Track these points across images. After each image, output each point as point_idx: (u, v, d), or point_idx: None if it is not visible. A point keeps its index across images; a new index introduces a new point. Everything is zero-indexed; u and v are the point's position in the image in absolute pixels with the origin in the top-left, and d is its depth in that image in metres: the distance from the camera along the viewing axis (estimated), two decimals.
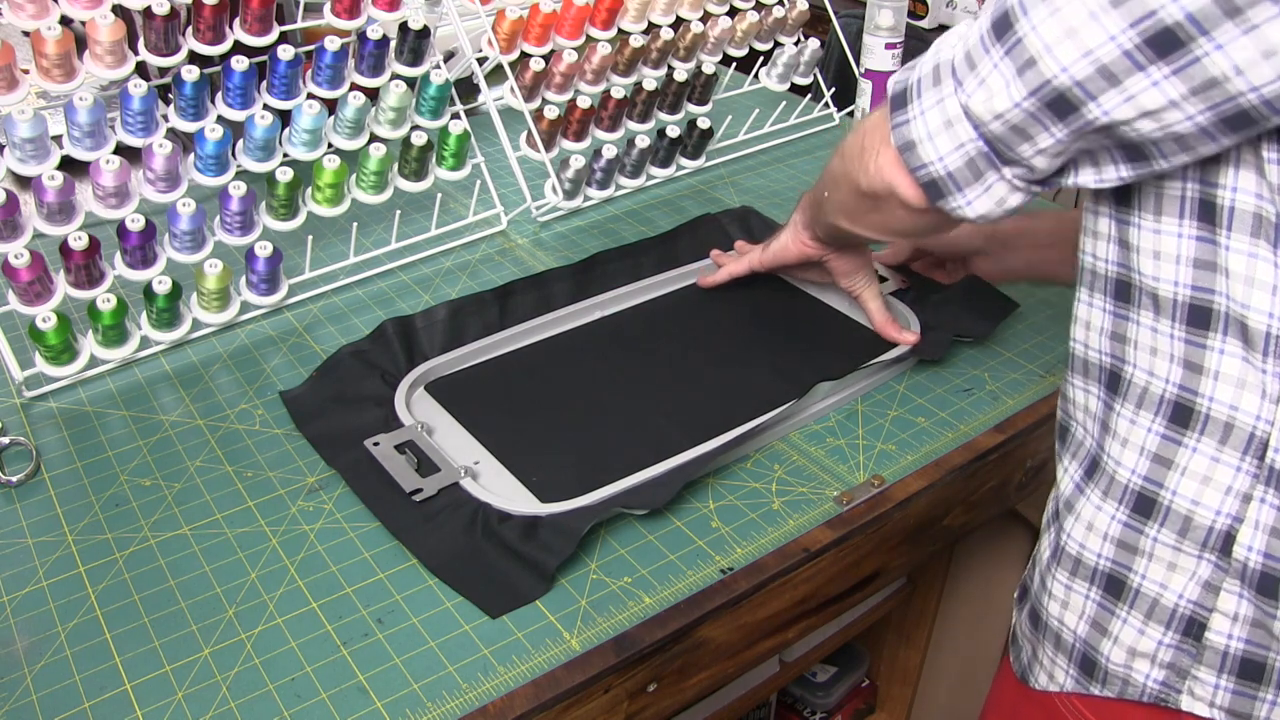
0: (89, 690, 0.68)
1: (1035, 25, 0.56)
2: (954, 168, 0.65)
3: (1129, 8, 0.52)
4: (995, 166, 0.64)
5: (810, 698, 1.44)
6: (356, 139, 1.05)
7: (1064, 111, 0.57)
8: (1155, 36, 0.52)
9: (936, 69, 0.65)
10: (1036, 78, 0.57)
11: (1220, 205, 0.58)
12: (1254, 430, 0.58)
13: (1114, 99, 0.55)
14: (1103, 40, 0.53)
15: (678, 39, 1.23)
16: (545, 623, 0.74)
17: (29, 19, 0.88)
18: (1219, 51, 0.50)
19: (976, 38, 0.61)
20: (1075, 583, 0.69)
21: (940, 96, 0.64)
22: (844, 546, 0.83)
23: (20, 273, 0.88)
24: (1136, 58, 0.53)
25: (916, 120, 0.66)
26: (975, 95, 0.61)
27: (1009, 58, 0.58)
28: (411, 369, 0.95)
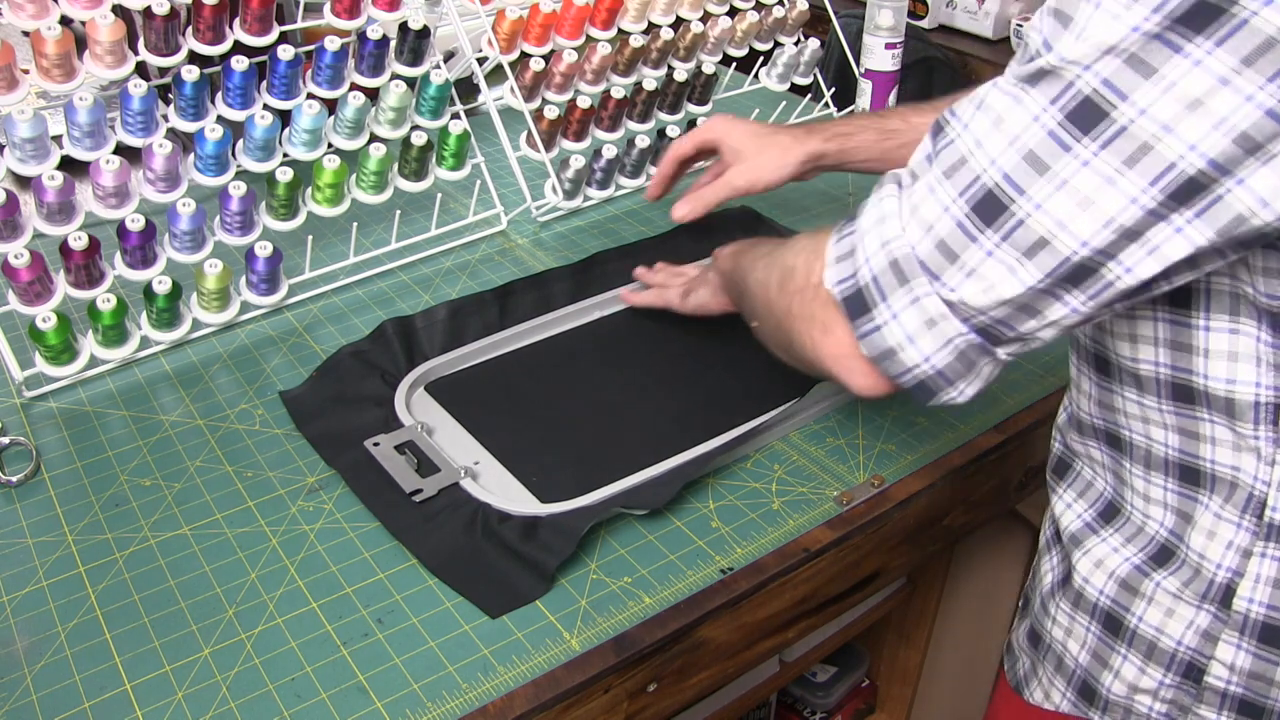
0: (89, 690, 0.68)
1: (1040, 203, 0.52)
2: (943, 365, 0.60)
3: (1146, 166, 0.49)
4: (989, 352, 0.60)
5: (810, 698, 1.44)
6: (356, 139, 1.05)
7: (1081, 279, 0.54)
8: (1180, 189, 0.49)
9: (895, 265, 0.59)
10: (1052, 258, 0.53)
11: (1195, 289, 0.58)
12: (1253, 491, 0.59)
13: (1136, 254, 0.52)
14: (1124, 205, 0.50)
15: (678, 39, 1.23)
16: (545, 623, 0.74)
17: (29, 19, 0.88)
18: (1240, 187, 0.48)
19: (951, 224, 0.55)
20: (1078, 614, 0.70)
21: (914, 295, 0.58)
22: (844, 546, 0.83)
23: (20, 273, 0.88)
24: (1160, 212, 0.50)
25: (889, 325, 0.60)
26: (964, 288, 0.56)
27: (1008, 243, 0.54)
28: (411, 369, 0.95)
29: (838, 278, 0.62)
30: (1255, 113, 0.46)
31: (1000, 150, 0.53)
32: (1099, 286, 0.53)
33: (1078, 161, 0.50)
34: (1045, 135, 0.51)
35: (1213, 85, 0.46)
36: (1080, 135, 0.50)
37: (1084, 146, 0.50)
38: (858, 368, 0.63)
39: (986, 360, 0.60)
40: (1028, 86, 0.52)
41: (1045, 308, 0.56)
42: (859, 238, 0.61)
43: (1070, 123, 0.50)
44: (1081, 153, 0.50)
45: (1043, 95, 0.51)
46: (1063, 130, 0.50)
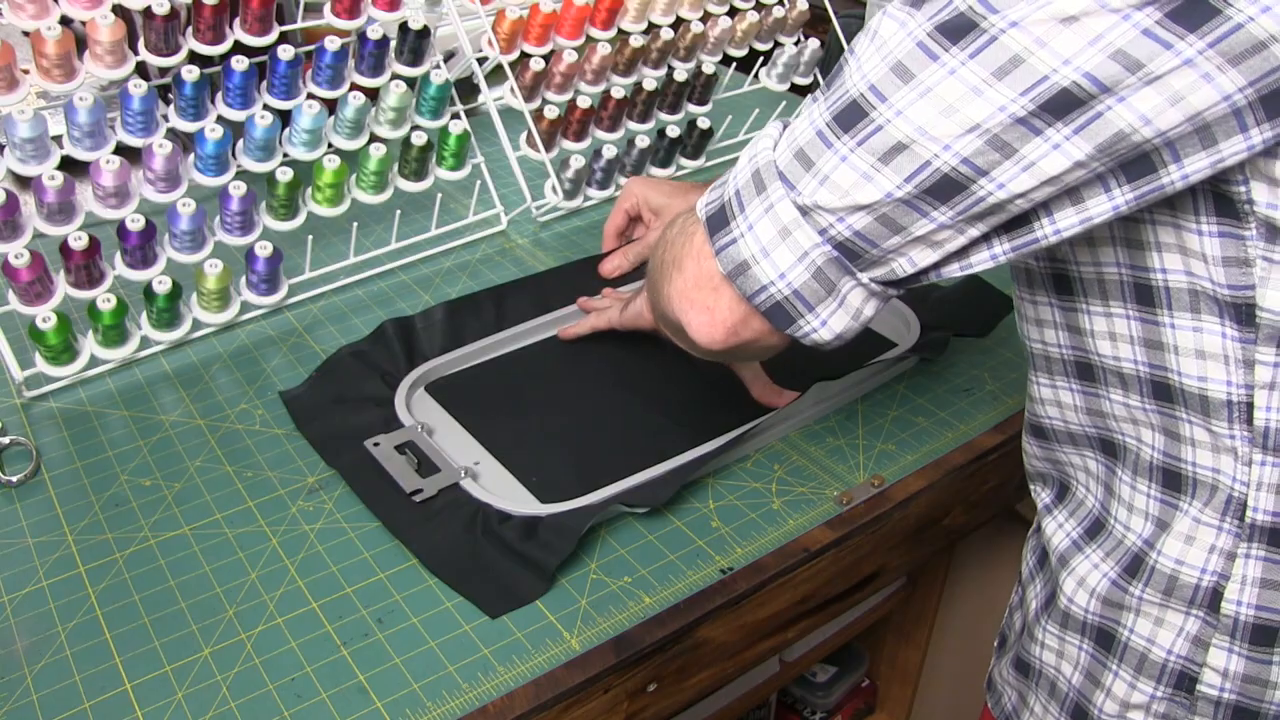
0: (89, 690, 0.68)
1: (901, 110, 0.51)
2: (799, 284, 0.57)
3: (1016, 77, 0.48)
4: (849, 272, 0.57)
5: (810, 698, 1.44)
6: (356, 139, 1.05)
7: (948, 193, 0.52)
8: (1052, 100, 0.48)
9: (757, 174, 0.57)
10: (911, 163, 0.52)
11: (1155, 287, 0.57)
12: (1232, 492, 0.58)
13: (1010, 170, 0.51)
14: (991, 112, 0.49)
15: (678, 39, 1.23)
16: (545, 623, 0.74)
17: (29, 19, 0.88)
18: (1122, 104, 0.47)
19: (811, 133, 0.55)
20: (1068, 634, 0.68)
21: (769, 203, 0.57)
22: (844, 546, 0.84)
23: (20, 273, 0.88)
24: (1032, 123, 0.49)
25: (745, 236, 0.58)
26: (819, 194, 0.55)
27: (863, 148, 0.53)
28: (411, 369, 0.95)
29: (707, 200, 0.62)
30: (1132, 31, 0.46)
31: (872, 64, 0.52)
32: (966, 201, 0.52)
33: (944, 70, 0.49)
34: (914, 46, 0.50)
35: (1090, 4, 0.46)
36: (949, 45, 0.49)
37: (951, 56, 0.49)
38: (696, 300, 0.62)
39: (848, 282, 0.58)
40: (912, 9, 0.51)
41: (907, 221, 0.54)
42: (735, 165, 0.61)
43: (940, 33, 0.49)
44: (949, 61, 0.49)
45: (923, 14, 0.50)
46: (932, 40, 0.50)
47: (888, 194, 0.53)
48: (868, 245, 0.55)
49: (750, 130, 1.40)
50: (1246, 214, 0.52)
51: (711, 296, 0.62)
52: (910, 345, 0.99)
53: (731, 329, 0.62)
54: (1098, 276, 0.60)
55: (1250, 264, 0.52)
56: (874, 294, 0.59)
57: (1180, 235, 0.54)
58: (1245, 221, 0.52)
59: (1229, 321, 0.55)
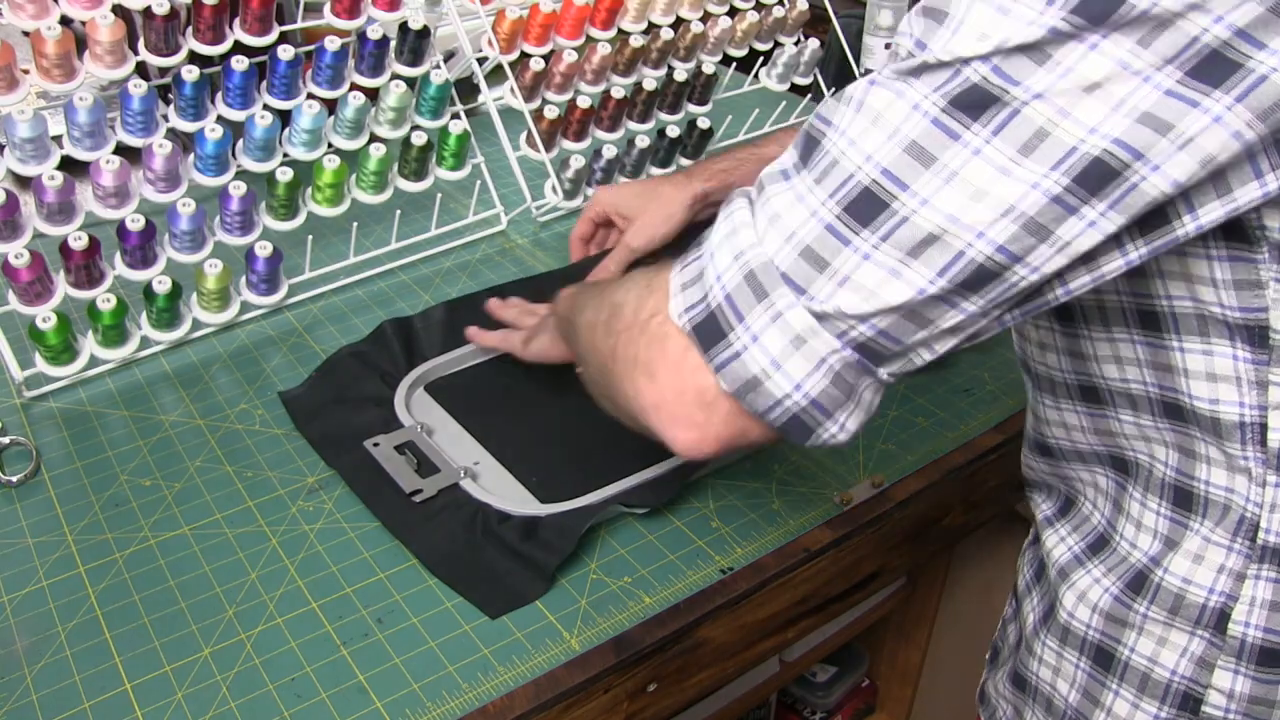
0: (89, 690, 0.68)
1: (927, 198, 0.47)
2: (818, 392, 0.52)
3: (1043, 152, 0.45)
4: (869, 372, 0.53)
5: (810, 698, 1.44)
6: (356, 139, 1.05)
7: (982, 283, 0.49)
8: (1084, 171, 0.45)
9: (752, 278, 0.51)
10: (943, 254, 0.48)
11: (1160, 313, 0.56)
12: (1244, 513, 0.56)
13: (1045, 253, 0.48)
14: (1024, 191, 0.46)
15: (678, 39, 1.23)
16: (545, 623, 0.74)
17: (29, 19, 0.88)
18: (1156, 174, 0.45)
19: (819, 230, 0.49)
20: (1066, 651, 0.66)
21: (775, 310, 0.51)
22: (844, 546, 0.84)
23: (20, 273, 0.88)
24: (1067, 201, 0.46)
25: (750, 349, 0.52)
26: (838, 297, 0.49)
27: (888, 244, 0.48)
28: (411, 369, 0.95)
29: (685, 305, 0.54)
30: (1155, 93, 0.44)
31: (878, 144, 0.47)
32: (999, 289, 0.49)
33: (968, 150, 0.46)
34: (929, 124, 0.46)
35: (1112, 69, 0.44)
36: (969, 121, 0.46)
37: (974, 134, 0.46)
38: (682, 416, 0.56)
39: (867, 383, 0.53)
40: (910, 78, 0.47)
41: (936, 314, 0.50)
42: (708, 258, 0.54)
43: (957, 109, 0.46)
44: (972, 140, 0.46)
45: (926, 85, 0.46)
46: (948, 117, 0.46)
47: (920, 290, 0.49)
48: (891, 344, 0.52)
49: (750, 130, 1.40)
50: (1259, 239, 0.50)
51: (701, 413, 0.56)
52: None
53: (726, 443, 0.57)
54: (1098, 303, 0.59)
55: (1263, 286, 0.51)
56: (884, 385, 0.55)
57: (1185, 263, 0.53)
58: (1258, 246, 0.51)
59: (1240, 344, 0.53)
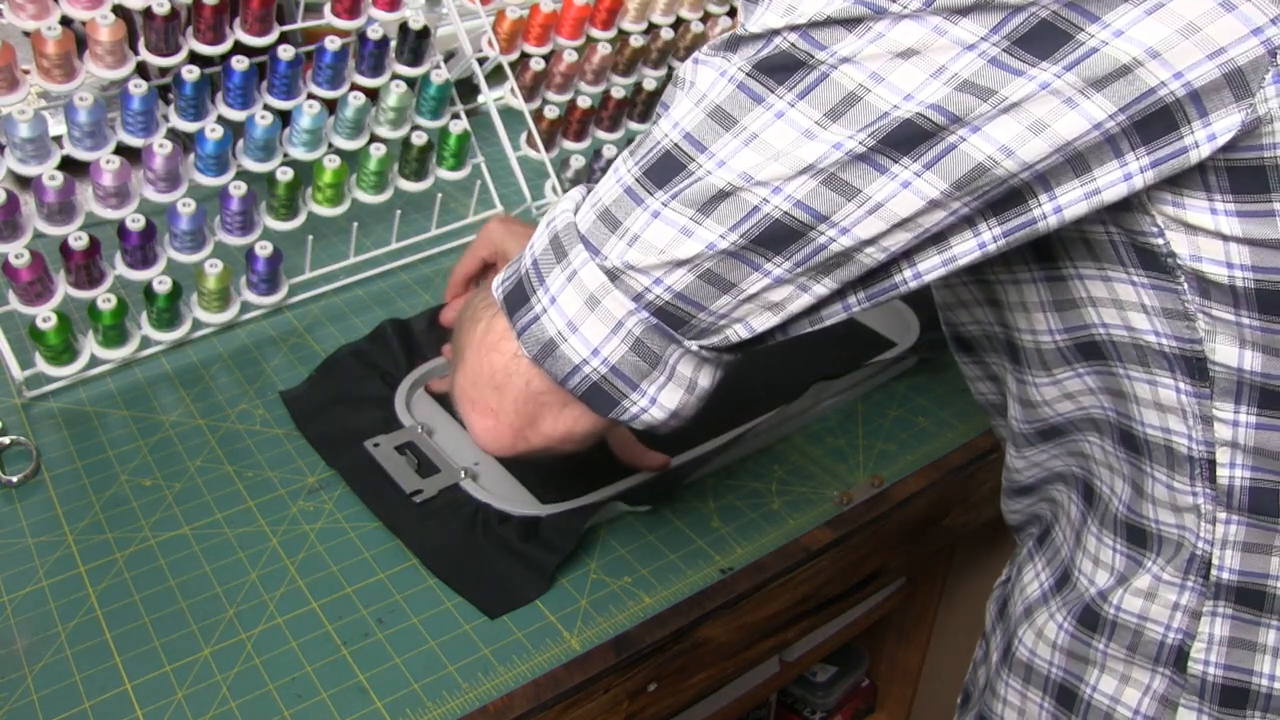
0: (89, 690, 0.68)
1: (724, 160, 0.45)
2: (617, 359, 0.49)
3: (853, 116, 0.43)
4: (673, 339, 0.50)
5: (810, 698, 1.44)
6: (356, 139, 1.05)
7: (782, 242, 0.46)
8: (895, 132, 0.43)
9: (556, 239, 0.50)
10: (736, 209, 0.45)
11: (1100, 342, 0.54)
12: (1195, 551, 0.54)
13: (853, 213, 0.45)
14: (825, 150, 0.44)
15: (678, 39, 1.23)
16: (545, 623, 0.74)
17: (29, 19, 0.88)
18: (977, 135, 0.43)
19: (618, 191, 0.48)
20: (1029, 690, 0.64)
21: (571, 269, 0.49)
22: (844, 546, 0.84)
23: (21, 273, 0.88)
24: (875, 160, 0.44)
25: (548, 311, 0.50)
26: (629, 254, 0.48)
27: (678, 200, 0.46)
28: (411, 369, 0.95)
29: (503, 278, 0.53)
30: (979, 61, 0.41)
31: (685, 111, 0.46)
32: (805, 250, 0.46)
33: (770, 112, 0.44)
34: (734, 89, 0.45)
35: (929, 36, 0.42)
36: (774, 85, 0.44)
37: (778, 97, 0.44)
38: (477, 400, 0.54)
39: (675, 352, 0.50)
40: (725, 51, 0.46)
41: (737, 276, 0.47)
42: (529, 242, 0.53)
43: (761, 72, 0.44)
44: (775, 103, 0.44)
45: (738, 55, 0.45)
46: (753, 81, 0.44)
47: (710, 245, 0.46)
48: (692, 309, 0.49)
49: None
50: (1173, 268, 0.48)
51: (494, 397, 0.53)
52: (910, 345, 0.99)
53: (519, 431, 0.54)
54: (1035, 346, 0.57)
55: (1192, 318, 0.49)
56: (707, 360, 0.52)
57: (1112, 288, 0.51)
58: (1174, 276, 0.49)
59: (1181, 375, 0.51)
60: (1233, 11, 0.41)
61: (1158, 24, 0.41)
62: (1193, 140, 0.43)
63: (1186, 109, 0.42)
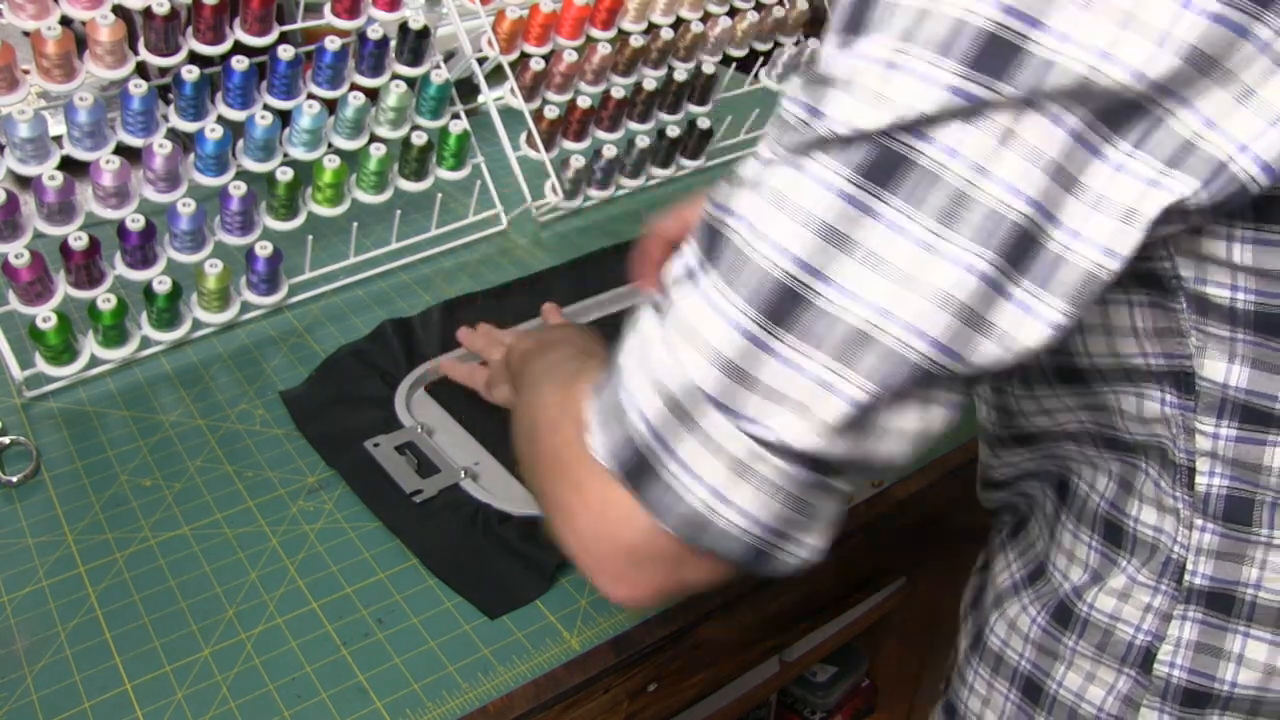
0: (89, 690, 0.68)
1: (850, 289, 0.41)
2: (771, 518, 0.46)
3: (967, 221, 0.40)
4: (828, 488, 0.46)
5: (810, 698, 1.44)
6: (356, 139, 1.05)
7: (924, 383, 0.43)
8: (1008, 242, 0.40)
9: (674, 403, 0.44)
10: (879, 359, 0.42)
11: (1081, 369, 0.55)
12: (1171, 554, 0.55)
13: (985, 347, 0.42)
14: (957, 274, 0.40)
15: (678, 39, 1.23)
16: (545, 623, 0.74)
17: (29, 19, 0.88)
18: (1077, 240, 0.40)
19: (735, 339, 0.42)
20: (997, 681, 0.65)
21: (705, 435, 0.44)
22: (844, 546, 0.83)
23: (20, 273, 0.88)
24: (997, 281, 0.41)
25: (688, 484, 0.45)
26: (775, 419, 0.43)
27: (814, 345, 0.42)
28: (411, 369, 0.95)
29: (608, 446, 0.47)
30: (1064, 138, 0.39)
31: (787, 232, 0.41)
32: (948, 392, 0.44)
33: (883, 225, 0.40)
34: (838, 199, 0.41)
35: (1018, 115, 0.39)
36: (882, 192, 0.40)
37: (889, 205, 0.40)
38: (610, 571, 0.50)
39: (826, 497, 0.47)
40: (807, 153, 0.41)
41: (887, 421, 0.44)
42: (621, 387, 0.47)
43: (866, 178, 0.40)
44: (888, 213, 0.40)
45: (829, 157, 0.41)
46: (859, 190, 0.40)
47: (854, 402, 0.42)
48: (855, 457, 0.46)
49: (751, 130, 1.40)
50: (1174, 288, 0.49)
51: (632, 570, 0.50)
52: None
53: (666, 594, 0.51)
54: None
55: (1185, 334, 0.50)
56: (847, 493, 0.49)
57: (1105, 313, 0.52)
58: (1175, 295, 0.49)
59: (1169, 388, 0.52)
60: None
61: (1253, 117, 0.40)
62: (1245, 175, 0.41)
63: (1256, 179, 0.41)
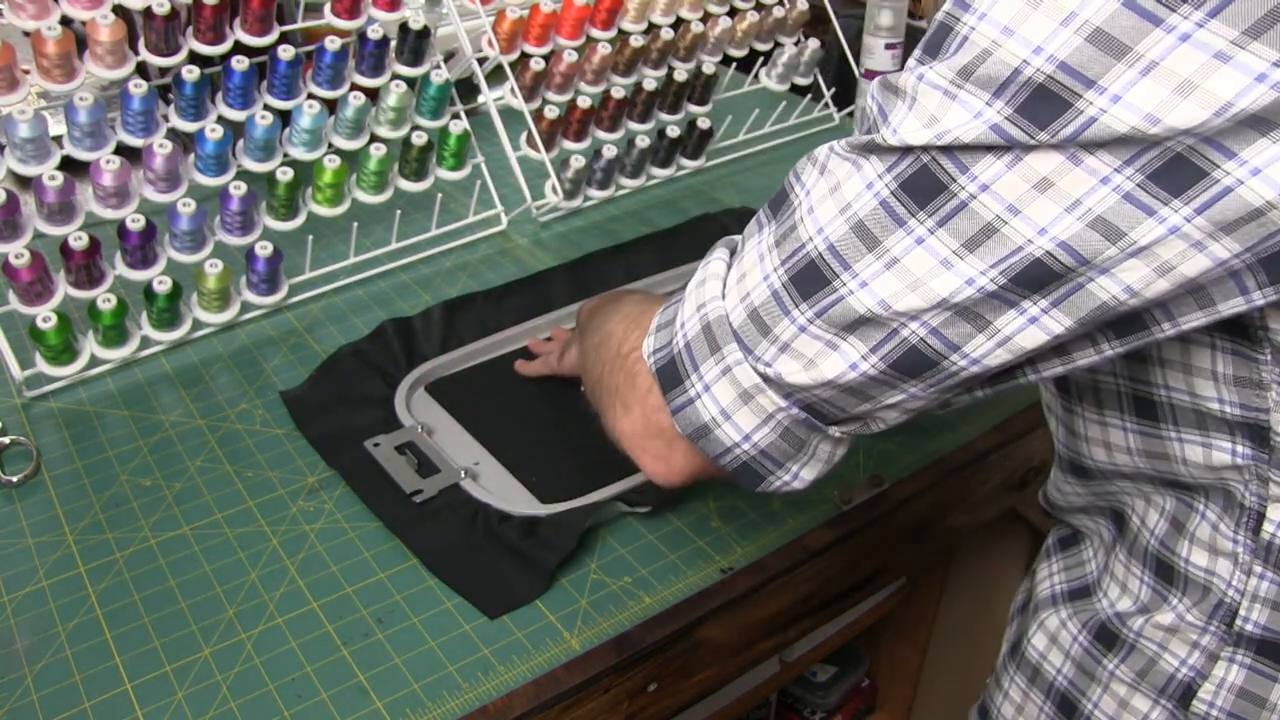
0: (89, 690, 0.68)
1: (866, 281, 0.46)
2: (766, 444, 0.53)
3: (988, 248, 0.44)
4: (819, 430, 0.53)
5: (810, 698, 1.44)
6: (357, 139, 1.05)
7: (918, 369, 0.48)
8: (1024, 273, 0.44)
9: (708, 329, 0.52)
10: (878, 332, 0.48)
11: (1159, 402, 0.54)
12: (1224, 598, 0.55)
13: (983, 344, 0.47)
14: (958, 286, 0.45)
15: (678, 39, 1.23)
16: (545, 623, 0.74)
17: (29, 19, 0.88)
18: (1105, 276, 0.43)
19: (765, 293, 0.50)
20: (1033, 691, 0.65)
21: (725, 364, 0.52)
22: (844, 546, 0.84)
23: (21, 273, 0.88)
24: (1005, 297, 0.45)
25: (702, 398, 0.53)
26: (778, 363, 0.50)
27: (823, 319, 0.48)
28: (411, 369, 0.95)
29: (654, 347, 0.56)
30: (1112, 196, 0.41)
31: (830, 218, 0.47)
32: (937, 376, 0.48)
33: (911, 238, 0.45)
34: (877, 205, 0.46)
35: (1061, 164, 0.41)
36: (915, 208, 0.45)
37: (919, 222, 0.45)
38: (650, 448, 0.58)
39: (819, 438, 0.54)
40: (867, 154, 0.46)
41: (876, 392, 0.50)
42: (681, 304, 0.55)
43: (905, 193, 0.45)
44: (916, 228, 0.45)
45: (880, 163, 0.46)
46: (896, 201, 0.45)
47: (853, 365, 0.49)
48: (837, 410, 0.52)
49: (750, 130, 1.40)
50: (1261, 339, 0.49)
51: (666, 448, 0.58)
52: None
53: (690, 475, 0.59)
54: (1093, 384, 0.57)
55: (1265, 387, 0.50)
56: (845, 439, 0.55)
57: (1187, 351, 0.52)
58: (1260, 346, 0.49)
59: (1241, 440, 0.52)
60: None
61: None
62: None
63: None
